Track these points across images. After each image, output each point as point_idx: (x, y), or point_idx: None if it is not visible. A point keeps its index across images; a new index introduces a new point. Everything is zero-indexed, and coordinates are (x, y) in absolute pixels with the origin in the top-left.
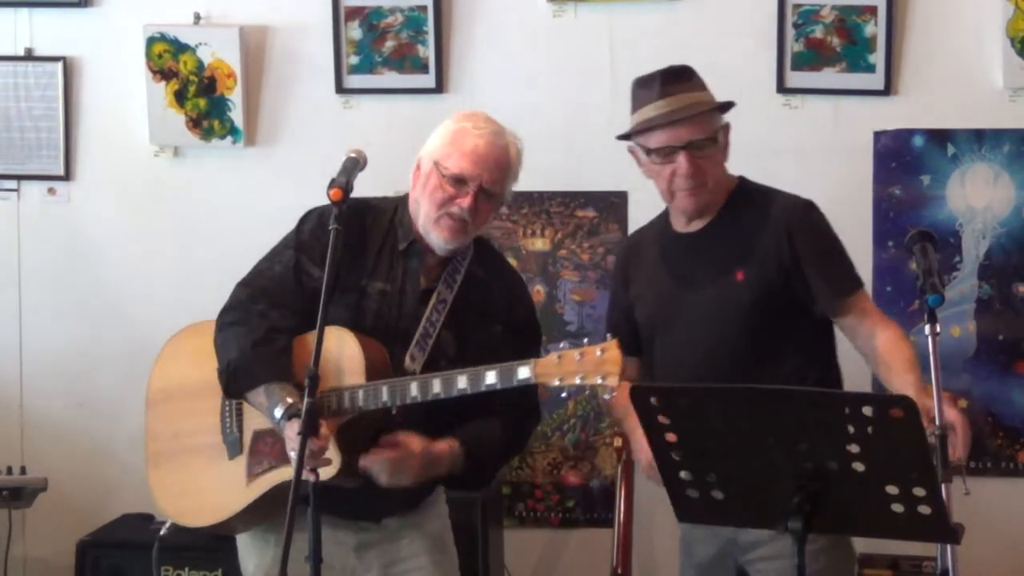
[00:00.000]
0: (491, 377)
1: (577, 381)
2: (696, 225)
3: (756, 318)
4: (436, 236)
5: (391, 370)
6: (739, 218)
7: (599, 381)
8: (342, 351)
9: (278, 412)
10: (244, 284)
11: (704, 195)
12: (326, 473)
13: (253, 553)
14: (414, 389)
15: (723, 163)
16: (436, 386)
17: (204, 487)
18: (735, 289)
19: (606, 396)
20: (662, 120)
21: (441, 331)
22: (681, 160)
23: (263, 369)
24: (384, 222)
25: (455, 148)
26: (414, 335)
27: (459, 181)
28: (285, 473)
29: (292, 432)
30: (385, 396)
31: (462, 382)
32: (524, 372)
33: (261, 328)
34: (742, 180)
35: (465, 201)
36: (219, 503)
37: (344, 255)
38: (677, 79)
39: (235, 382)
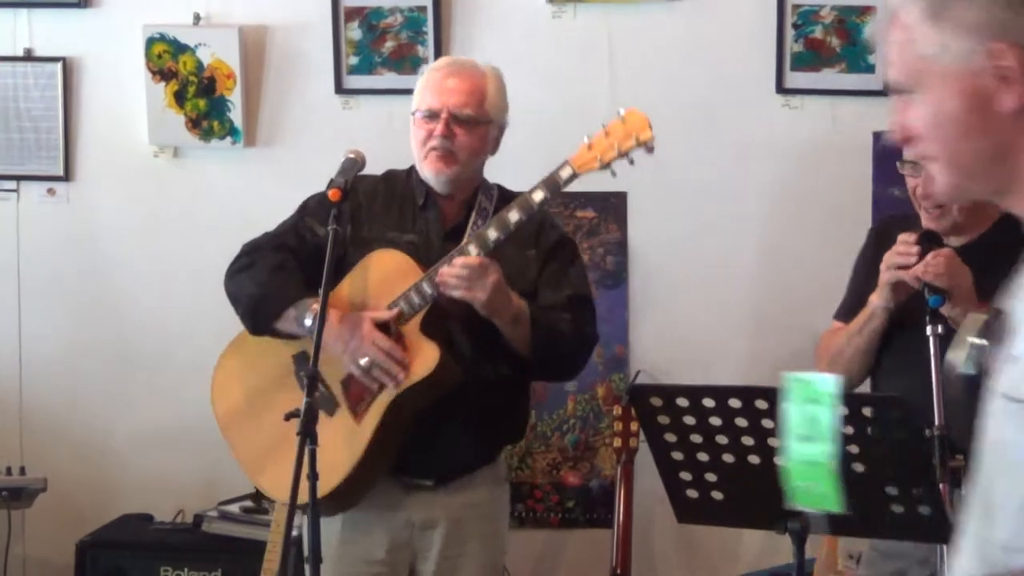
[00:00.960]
0: (539, 194)
1: (616, 154)
2: (954, 240)
3: None
4: (428, 172)
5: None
6: (999, 248)
7: (635, 143)
8: (393, 266)
9: (308, 319)
10: (245, 246)
11: (948, 219)
12: (428, 366)
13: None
14: (476, 242)
15: None
16: (492, 232)
17: (320, 452)
18: None
19: (644, 151)
20: None
21: None
22: (922, 178)
23: (286, 291)
24: (400, 184)
25: (424, 90)
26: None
27: (431, 116)
28: (387, 395)
29: (333, 333)
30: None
31: (514, 214)
32: (566, 172)
33: (270, 263)
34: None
35: (437, 129)
36: (339, 458)
37: (368, 211)
38: None
39: (260, 312)
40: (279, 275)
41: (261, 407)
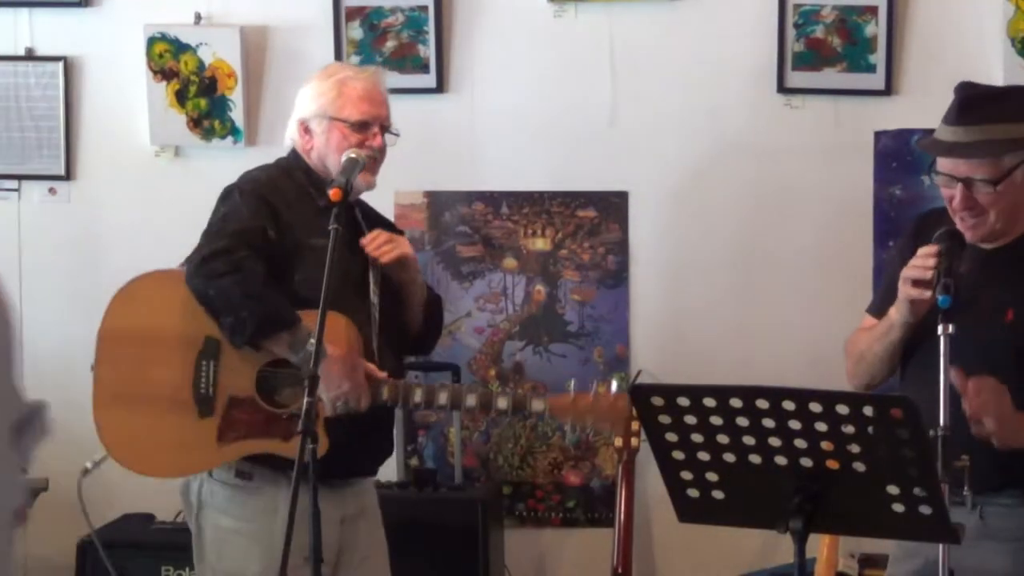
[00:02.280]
0: (503, 403)
1: (585, 425)
2: (988, 244)
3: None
4: (359, 181)
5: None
6: None
7: (606, 429)
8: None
9: (311, 347)
10: (211, 238)
11: (983, 228)
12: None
13: (256, 555)
14: (443, 398)
15: (1011, 202)
16: (445, 398)
17: (166, 440)
18: (1002, 329)
19: (607, 435)
20: (942, 151)
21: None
22: (957, 192)
23: (283, 313)
24: (300, 183)
25: (348, 98)
26: (368, 276)
27: (363, 126)
28: (262, 445)
29: (328, 367)
30: (418, 397)
31: (471, 400)
32: (538, 406)
33: (258, 273)
34: None
35: (376, 141)
36: (184, 460)
37: (289, 213)
38: (982, 104)
39: (258, 332)
40: (272, 290)
41: (149, 353)
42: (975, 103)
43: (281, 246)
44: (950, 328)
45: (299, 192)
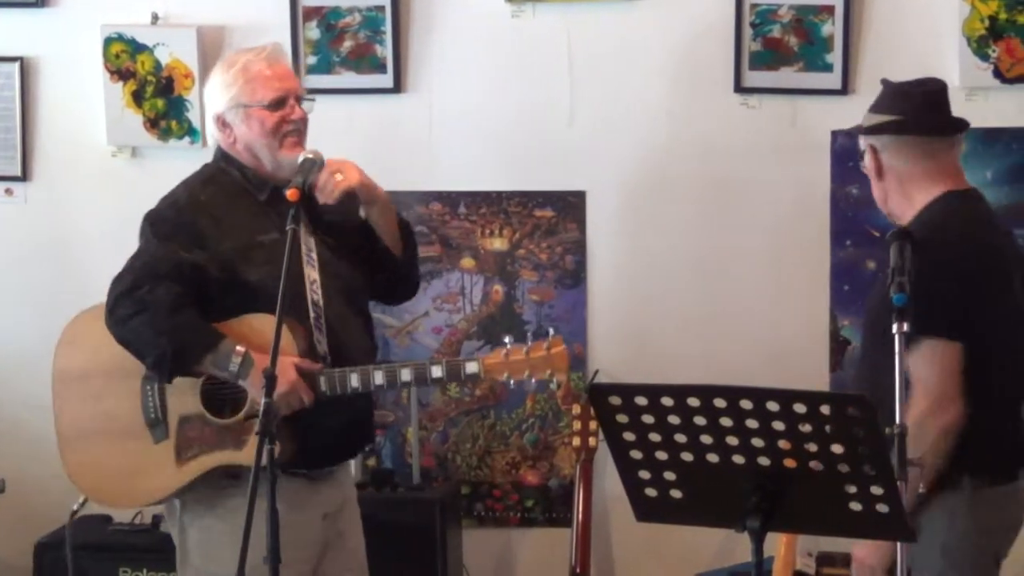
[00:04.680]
0: (437, 371)
1: (525, 376)
2: None
3: None
4: (289, 156)
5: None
6: None
7: (547, 376)
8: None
9: (235, 361)
10: (117, 282)
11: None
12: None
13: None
14: (379, 377)
15: (880, 187)
16: (381, 377)
17: (130, 470)
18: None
19: (553, 387)
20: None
21: (321, 259)
22: None
23: (199, 337)
24: (230, 184)
25: (257, 81)
26: (315, 262)
27: (279, 103)
28: (218, 457)
29: (255, 381)
30: (355, 382)
31: (406, 375)
32: (472, 368)
33: (163, 304)
34: None
35: (295, 113)
36: (150, 486)
37: (220, 222)
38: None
39: (179, 365)
40: (181, 318)
41: (99, 387)
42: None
43: (218, 257)
44: (905, 326)
45: (235, 192)
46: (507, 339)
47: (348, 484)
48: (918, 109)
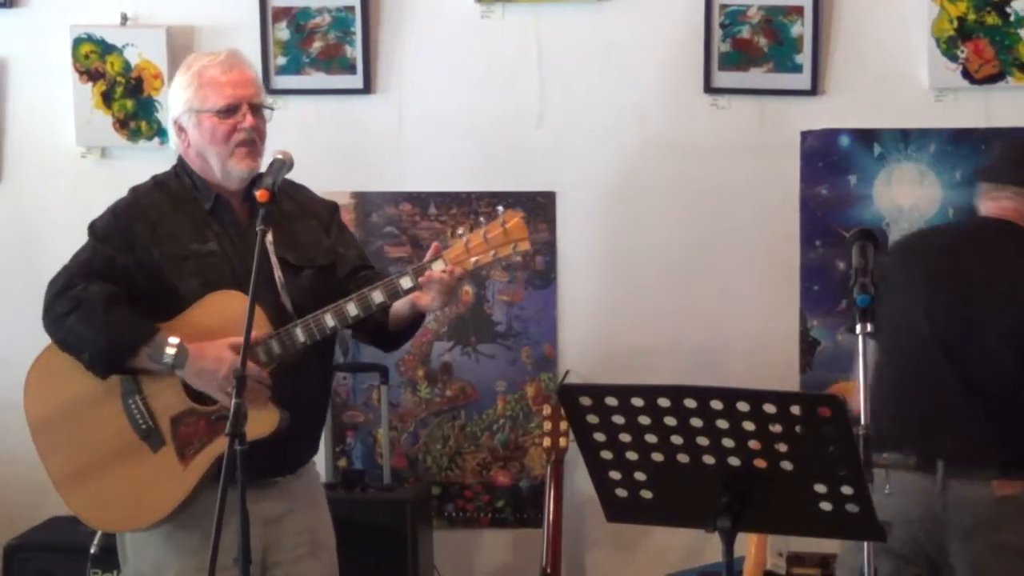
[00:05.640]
0: (407, 282)
1: (491, 257)
2: None
3: None
4: (238, 168)
5: (276, 319)
6: None
7: (512, 250)
8: (235, 309)
9: (169, 352)
10: (52, 283)
11: None
12: (269, 427)
13: (174, 557)
14: (330, 319)
15: None
16: (352, 308)
17: (136, 489)
18: None
19: (517, 258)
20: None
21: (284, 272)
22: None
23: (134, 330)
24: (178, 190)
25: (208, 87)
26: (274, 277)
27: (231, 110)
28: (220, 445)
29: (198, 364)
30: (301, 336)
31: (378, 296)
32: (438, 265)
33: (97, 301)
34: None
35: (247, 121)
36: (161, 496)
37: (163, 226)
38: None
39: (112, 360)
40: (116, 313)
41: (79, 422)
42: None
43: (147, 263)
44: (868, 327)
45: (182, 199)
46: (460, 230)
47: (293, 494)
48: None
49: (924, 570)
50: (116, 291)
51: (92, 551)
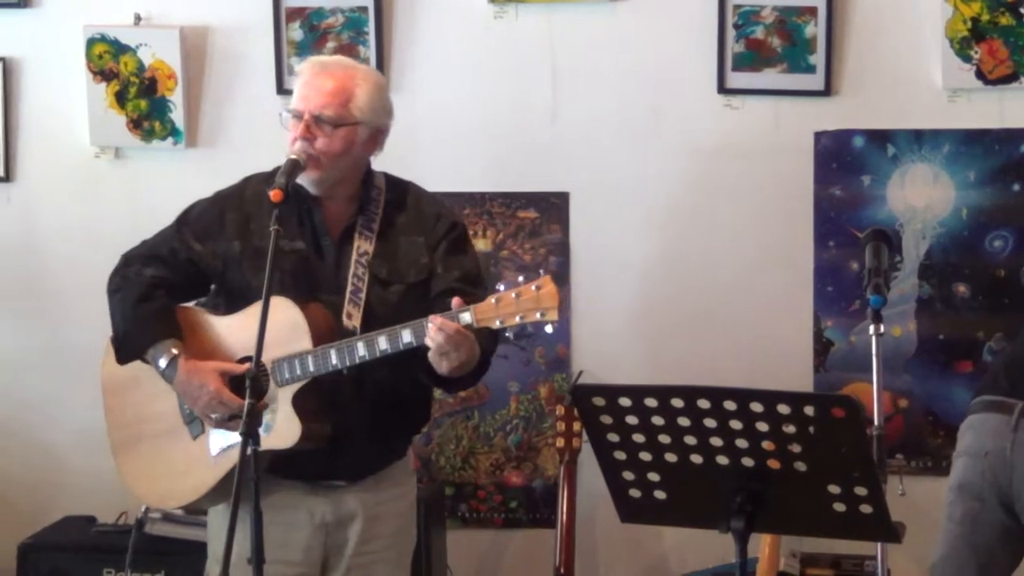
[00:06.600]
0: (407, 336)
1: (517, 320)
2: None
3: None
4: (304, 176)
5: (336, 331)
6: None
7: (539, 317)
8: (285, 319)
9: (162, 362)
10: (124, 254)
11: None
12: (287, 441)
13: (217, 542)
14: (361, 349)
15: None
16: (383, 343)
17: (175, 469)
18: None
19: (548, 329)
20: None
21: (370, 284)
22: None
23: (146, 330)
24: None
25: (295, 89)
26: (345, 289)
27: (297, 117)
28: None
29: (184, 385)
30: (334, 359)
31: (407, 336)
32: (466, 318)
33: (139, 286)
34: None
35: (298, 131)
36: (190, 484)
37: (258, 220)
38: None
39: (124, 348)
40: (142, 309)
41: (139, 393)
42: None
43: (224, 255)
44: (881, 328)
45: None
46: (500, 286)
47: (364, 503)
48: None
49: (1000, 510)
50: (163, 280)
51: (139, 516)
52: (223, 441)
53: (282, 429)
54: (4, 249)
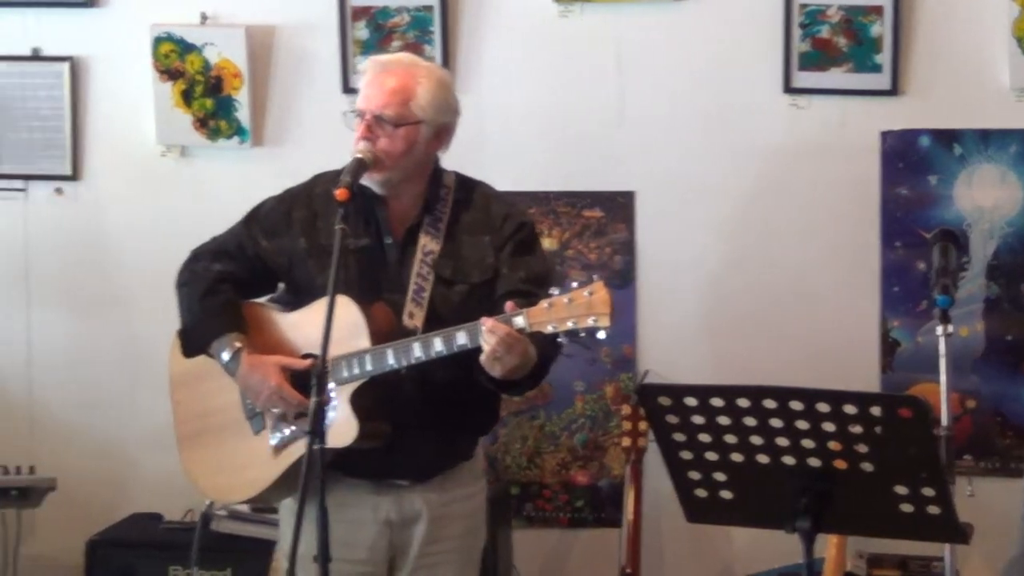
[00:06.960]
0: (462, 338)
1: (570, 325)
2: None
3: None
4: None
5: (397, 330)
6: None
7: (591, 323)
8: (346, 318)
9: (225, 355)
10: (194, 249)
11: None
12: (344, 440)
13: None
14: (417, 349)
15: None
16: (438, 344)
17: (236, 464)
18: None
19: (601, 336)
20: None
21: (434, 284)
22: None
23: (211, 325)
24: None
25: (361, 85)
26: (408, 288)
27: (359, 117)
28: (303, 443)
29: (246, 379)
30: (391, 359)
31: (461, 338)
32: (519, 321)
33: (206, 280)
34: None
35: (359, 131)
36: (251, 478)
37: (325, 218)
38: None
39: (189, 341)
40: (207, 302)
41: (204, 387)
42: None
43: (290, 251)
44: (949, 328)
45: (354, 193)
46: (555, 290)
47: (430, 503)
48: None
49: None
50: (230, 275)
51: (203, 510)
52: (283, 436)
53: (340, 427)
54: (72, 247)
